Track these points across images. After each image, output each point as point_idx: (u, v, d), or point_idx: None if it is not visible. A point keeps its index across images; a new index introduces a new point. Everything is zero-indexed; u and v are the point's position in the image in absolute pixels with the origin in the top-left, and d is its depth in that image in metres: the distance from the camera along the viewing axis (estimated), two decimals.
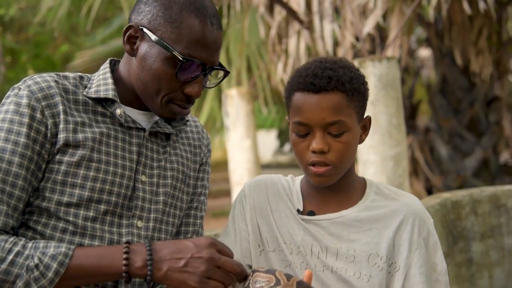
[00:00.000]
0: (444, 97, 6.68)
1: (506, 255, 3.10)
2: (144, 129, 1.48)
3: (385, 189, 1.62)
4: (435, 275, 1.54)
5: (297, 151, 1.54)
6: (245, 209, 1.64)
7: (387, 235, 1.54)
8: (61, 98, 1.39)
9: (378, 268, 1.52)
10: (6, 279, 1.27)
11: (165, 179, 1.50)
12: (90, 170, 1.39)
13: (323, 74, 1.48)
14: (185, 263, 1.29)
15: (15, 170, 1.33)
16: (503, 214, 3.08)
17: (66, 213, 1.37)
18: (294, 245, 1.57)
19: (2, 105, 1.40)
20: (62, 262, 1.28)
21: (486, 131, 6.73)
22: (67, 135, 1.38)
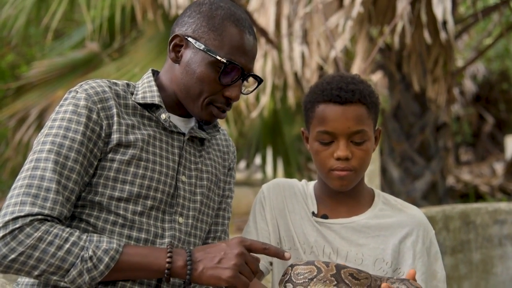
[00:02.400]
0: (397, 121, 6.96)
1: (474, 269, 3.28)
2: (184, 133, 1.59)
3: (391, 200, 1.76)
4: (435, 281, 1.68)
5: (320, 158, 1.65)
6: (265, 210, 1.74)
7: (393, 243, 1.66)
8: (114, 102, 1.50)
9: (383, 272, 1.64)
10: (61, 266, 1.34)
11: (201, 180, 1.61)
12: (139, 168, 1.48)
13: (347, 88, 1.62)
14: (218, 260, 1.39)
15: (71, 165, 1.42)
16: (472, 231, 3.27)
17: (116, 207, 1.46)
18: (308, 245, 1.68)
19: (61, 106, 1.49)
20: (113, 257, 1.36)
21: (435, 155, 7.04)
22: (120, 135, 1.48)
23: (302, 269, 1.41)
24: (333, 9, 4.90)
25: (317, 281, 1.38)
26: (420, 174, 7.00)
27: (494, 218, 3.32)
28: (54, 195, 1.37)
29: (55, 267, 1.33)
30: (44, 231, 1.33)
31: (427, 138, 6.93)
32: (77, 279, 1.34)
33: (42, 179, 1.38)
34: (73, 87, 1.52)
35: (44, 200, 1.36)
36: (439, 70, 5.49)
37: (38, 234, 1.33)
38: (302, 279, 1.40)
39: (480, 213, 3.28)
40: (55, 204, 1.37)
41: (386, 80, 7.11)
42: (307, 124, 1.71)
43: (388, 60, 6.35)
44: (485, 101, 11.74)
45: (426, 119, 6.84)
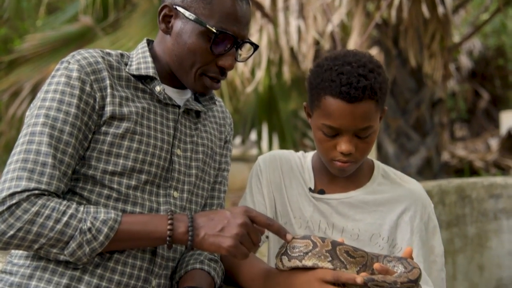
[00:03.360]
0: (393, 97, 6.95)
1: (469, 243, 3.30)
2: (179, 106, 1.56)
3: (391, 173, 1.73)
4: (432, 256, 1.67)
5: (323, 148, 1.61)
6: (262, 183, 1.73)
7: (390, 218, 1.64)
8: (108, 73, 1.46)
9: (379, 247, 1.63)
10: (60, 239, 1.33)
11: (197, 153, 1.58)
12: (134, 142, 1.45)
13: (358, 85, 1.53)
14: (221, 228, 1.38)
15: (66, 138, 1.39)
16: (467, 205, 3.28)
17: (110, 181, 1.43)
18: (303, 220, 1.67)
19: (53, 77, 1.45)
20: (112, 227, 1.35)
21: (430, 131, 7.05)
22: (114, 108, 1.45)
23: (298, 243, 1.40)
24: None
25: (311, 255, 1.38)
26: (415, 150, 7.01)
27: (489, 192, 3.33)
28: (50, 170, 1.35)
29: (54, 240, 1.32)
30: (41, 205, 1.32)
31: (423, 114, 6.93)
32: (76, 251, 1.33)
33: (38, 153, 1.36)
34: (64, 58, 1.48)
35: (40, 175, 1.34)
36: (436, 45, 5.46)
37: (36, 208, 1.31)
38: (297, 252, 1.39)
39: (476, 187, 3.29)
40: (51, 179, 1.35)
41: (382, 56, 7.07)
42: (310, 104, 1.64)
43: (384, 36, 6.31)
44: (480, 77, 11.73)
45: (422, 95, 6.83)
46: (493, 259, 3.35)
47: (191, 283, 1.45)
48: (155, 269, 1.46)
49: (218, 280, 1.53)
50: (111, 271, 1.41)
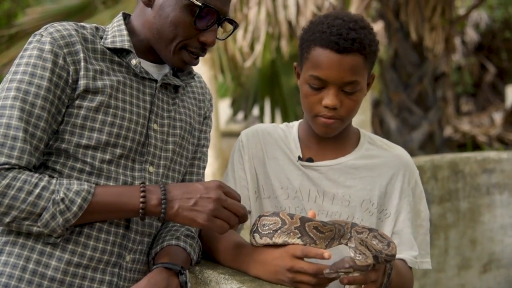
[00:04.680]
0: (395, 71, 6.89)
1: (461, 217, 3.30)
2: (156, 80, 1.55)
3: (377, 140, 1.74)
4: (419, 220, 1.69)
5: (308, 102, 1.60)
6: (244, 159, 1.72)
7: (380, 183, 1.65)
8: (81, 46, 1.44)
9: (370, 213, 1.64)
10: (33, 211, 1.33)
11: (174, 129, 1.57)
12: (108, 116, 1.44)
13: (348, 36, 1.53)
14: (194, 203, 1.38)
15: (38, 112, 1.38)
16: (460, 180, 3.27)
17: (84, 155, 1.43)
18: (292, 190, 1.66)
19: (25, 50, 1.42)
20: (85, 198, 1.35)
21: (433, 105, 7.00)
22: (88, 81, 1.43)
23: (268, 220, 1.41)
24: None
25: (281, 233, 1.38)
26: (417, 125, 6.97)
27: (482, 167, 3.32)
28: (21, 144, 1.34)
29: (27, 212, 1.32)
30: (12, 178, 1.32)
31: (425, 88, 6.87)
32: (50, 222, 1.33)
33: (8, 127, 1.34)
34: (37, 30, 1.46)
35: (10, 149, 1.33)
36: (437, 18, 5.39)
37: (6, 181, 1.31)
38: (267, 230, 1.40)
39: (469, 162, 3.28)
40: (22, 153, 1.34)
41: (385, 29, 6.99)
42: (300, 61, 1.65)
43: (386, 8, 6.23)
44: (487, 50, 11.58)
45: (425, 69, 6.76)
46: (485, 233, 3.35)
47: (166, 259, 1.45)
48: (129, 244, 1.46)
49: (195, 257, 1.53)
50: (83, 246, 1.41)
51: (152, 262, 1.48)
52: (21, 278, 1.36)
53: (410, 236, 1.63)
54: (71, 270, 1.39)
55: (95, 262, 1.42)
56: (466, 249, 3.32)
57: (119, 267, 1.45)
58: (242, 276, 1.41)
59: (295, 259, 1.36)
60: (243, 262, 1.46)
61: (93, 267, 1.42)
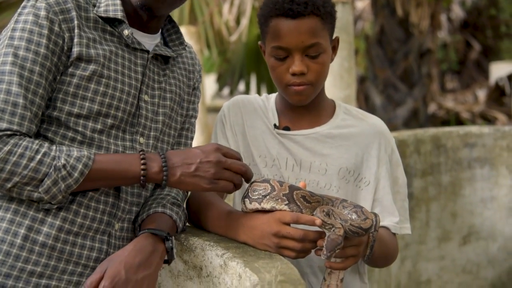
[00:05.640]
0: (381, 47, 6.92)
1: (443, 191, 3.36)
2: (148, 51, 1.54)
3: (352, 110, 1.77)
4: (396, 187, 1.73)
5: (277, 74, 1.63)
6: (226, 128, 1.75)
7: (356, 152, 1.69)
8: (76, 13, 1.44)
9: (346, 181, 1.68)
10: (35, 177, 1.33)
11: (164, 100, 1.58)
12: (100, 85, 1.44)
13: (300, 0, 1.57)
14: (195, 168, 1.39)
15: (36, 79, 1.38)
16: (442, 154, 3.32)
17: (75, 124, 1.43)
18: (270, 158, 1.69)
19: (20, 15, 1.41)
20: (86, 164, 1.36)
21: (417, 82, 7.05)
22: (81, 49, 1.43)
23: (258, 186, 1.44)
24: None
25: (269, 198, 1.41)
26: (402, 101, 7.04)
27: (464, 141, 3.37)
28: (21, 111, 1.34)
29: (28, 178, 1.33)
30: (13, 144, 1.32)
31: (411, 65, 6.92)
32: (52, 188, 1.34)
33: (8, 93, 1.34)
34: None
35: (11, 115, 1.33)
36: None
37: (8, 147, 1.31)
38: (256, 195, 1.43)
39: (451, 136, 3.33)
40: (23, 119, 1.35)
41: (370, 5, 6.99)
42: (262, 37, 1.67)
43: None
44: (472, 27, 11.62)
45: (410, 45, 6.80)
46: (465, 206, 3.42)
47: (152, 225, 1.46)
48: (118, 213, 1.48)
49: (180, 224, 1.55)
50: (74, 213, 1.42)
51: (139, 229, 1.50)
52: (12, 243, 1.38)
53: (391, 203, 1.67)
54: (62, 236, 1.41)
55: (85, 229, 1.44)
56: (447, 222, 3.39)
57: (108, 234, 1.47)
58: (227, 243, 1.44)
59: (282, 224, 1.39)
60: (233, 228, 1.49)
61: (83, 234, 1.44)
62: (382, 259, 1.64)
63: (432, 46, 7.21)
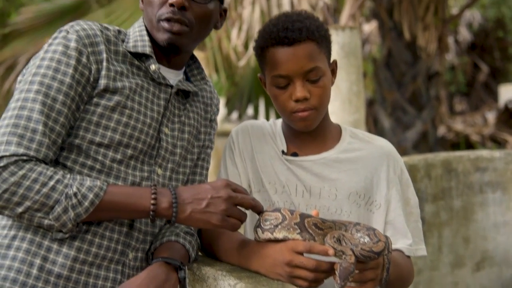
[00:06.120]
0: (389, 70, 6.92)
1: (455, 216, 3.32)
2: (172, 86, 1.58)
3: (359, 133, 1.76)
4: (408, 208, 1.71)
5: (280, 102, 1.63)
6: (234, 154, 1.75)
7: (365, 175, 1.67)
8: (105, 47, 1.48)
9: (357, 205, 1.66)
10: (46, 203, 1.34)
11: (183, 133, 1.61)
12: (123, 116, 1.47)
13: (293, 27, 1.58)
14: (206, 204, 1.39)
15: (58, 107, 1.40)
16: (453, 178, 3.29)
17: (96, 152, 1.45)
18: (279, 185, 1.68)
19: (50, 45, 1.45)
20: (97, 194, 1.36)
21: (426, 105, 7.03)
22: (108, 81, 1.46)
23: (269, 216, 1.44)
24: None
25: (281, 228, 1.41)
26: (411, 124, 7.01)
27: (475, 165, 3.34)
28: (40, 137, 1.36)
29: (40, 203, 1.33)
30: (28, 169, 1.33)
31: (419, 87, 6.90)
32: (62, 215, 1.34)
33: (29, 119, 1.36)
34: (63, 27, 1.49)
35: (30, 141, 1.35)
36: (430, 17, 5.42)
37: (23, 171, 1.32)
38: (268, 225, 1.43)
39: (462, 160, 3.30)
40: (40, 146, 1.36)
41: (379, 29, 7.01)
42: (262, 69, 1.68)
43: (379, 7, 6.26)
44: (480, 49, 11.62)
45: (418, 68, 6.79)
46: (478, 231, 3.38)
47: (165, 254, 1.46)
48: (132, 242, 1.49)
49: (193, 254, 1.55)
50: (88, 243, 1.42)
51: (151, 257, 1.50)
52: (29, 274, 1.38)
53: (403, 225, 1.65)
54: (77, 267, 1.41)
55: (99, 259, 1.44)
56: (460, 247, 3.35)
57: (122, 264, 1.47)
58: (239, 273, 1.43)
59: (294, 253, 1.37)
60: (245, 257, 1.48)
61: (98, 264, 1.44)
62: (398, 282, 1.61)
63: (440, 69, 7.20)
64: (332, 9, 5.43)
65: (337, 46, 3.49)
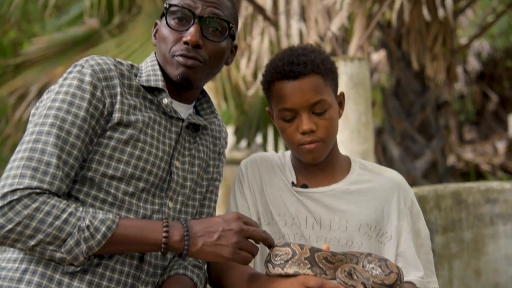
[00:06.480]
0: (398, 99, 6.92)
1: (465, 248, 3.28)
2: (183, 119, 1.60)
3: (368, 165, 1.77)
4: (419, 240, 1.70)
5: (287, 135, 1.64)
6: (244, 186, 1.75)
7: (375, 206, 1.67)
8: (119, 81, 1.50)
9: (368, 237, 1.65)
10: (58, 236, 1.34)
11: (193, 166, 1.62)
12: (136, 149, 1.48)
13: (298, 61, 1.61)
14: (218, 237, 1.39)
15: (72, 141, 1.42)
16: (463, 210, 3.26)
17: (108, 185, 1.46)
18: (289, 217, 1.67)
19: (65, 79, 1.48)
20: (110, 227, 1.37)
21: (435, 134, 7.01)
22: (122, 115, 1.48)
23: (279, 251, 1.43)
24: None
25: (292, 263, 1.40)
26: (420, 153, 6.98)
27: (486, 197, 3.31)
28: (54, 170, 1.37)
29: (52, 236, 1.33)
30: (41, 202, 1.34)
31: (428, 116, 6.89)
32: (74, 248, 1.34)
33: (43, 152, 1.38)
34: (77, 61, 1.52)
35: (43, 174, 1.36)
36: (438, 48, 5.44)
37: (36, 204, 1.33)
38: (279, 260, 1.42)
39: (472, 192, 3.27)
40: (54, 179, 1.37)
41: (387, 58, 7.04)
42: (269, 103, 1.70)
43: (388, 37, 6.30)
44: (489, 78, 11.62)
45: (427, 97, 6.80)
46: (489, 264, 3.33)
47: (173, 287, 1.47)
48: (142, 275, 1.48)
49: (201, 287, 1.54)
50: (99, 277, 1.42)
51: None
52: None
53: (414, 257, 1.63)
54: None
55: None
56: (471, 280, 3.30)
57: None
58: None
59: None
60: None
61: None
62: None
63: (449, 98, 7.20)
64: (341, 40, 5.47)
65: (346, 77, 3.50)
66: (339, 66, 3.49)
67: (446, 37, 5.57)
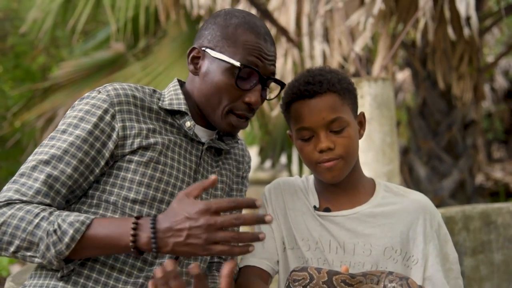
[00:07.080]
0: (424, 119, 6.86)
1: (495, 270, 3.20)
2: (203, 143, 1.61)
3: (393, 187, 1.74)
4: (448, 264, 1.66)
5: (305, 154, 1.64)
6: (267, 211, 1.74)
7: (400, 230, 1.64)
8: (134, 108, 1.51)
9: (394, 260, 1.62)
10: (32, 241, 1.35)
11: (215, 190, 1.63)
12: (157, 171, 1.49)
13: (314, 80, 1.62)
14: (186, 236, 1.31)
15: (68, 159, 1.44)
16: (493, 231, 3.19)
17: (131, 209, 1.46)
18: (312, 241, 1.66)
19: (79, 104, 1.52)
20: (78, 229, 1.34)
21: (463, 153, 6.91)
22: (141, 140, 1.49)
23: (297, 276, 1.42)
24: (354, 6, 4.84)
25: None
26: (447, 173, 6.88)
27: None
28: (39, 185, 1.40)
29: (27, 242, 1.34)
30: (17, 208, 1.36)
31: (455, 136, 6.80)
32: (46, 253, 1.34)
33: (34, 169, 1.42)
34: (99, 86, 1.55)
35: (28, 188, 1.40)
36: (464, 67, 5.38)
37: (11, 211, 1.35)
38: (297, 285, 1.41)
39: (501, 213, 3.20)
40: (37, 193, 1.39)
41: None
42: (288, 125, 1.71)
43: (413, 57, 6.26)
44: None
45: (453, 116, 6.72)
46: None
47: None
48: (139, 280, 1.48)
49: None
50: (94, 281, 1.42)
51: None
52: None
53: (442, 281, 1.61)
54: None
55: None
56: None
57: None
58: None
59: None
60: None
61: None
62: None
63: (476, 117, 7.10)
64: (365, 60, 5.45)
65: (370, 97, 3.48)
66: (363, 86, 3.47)
67: (472, 56, 5.51)
